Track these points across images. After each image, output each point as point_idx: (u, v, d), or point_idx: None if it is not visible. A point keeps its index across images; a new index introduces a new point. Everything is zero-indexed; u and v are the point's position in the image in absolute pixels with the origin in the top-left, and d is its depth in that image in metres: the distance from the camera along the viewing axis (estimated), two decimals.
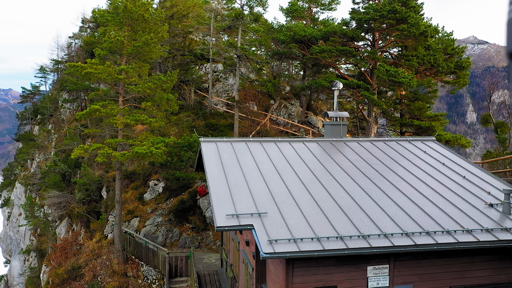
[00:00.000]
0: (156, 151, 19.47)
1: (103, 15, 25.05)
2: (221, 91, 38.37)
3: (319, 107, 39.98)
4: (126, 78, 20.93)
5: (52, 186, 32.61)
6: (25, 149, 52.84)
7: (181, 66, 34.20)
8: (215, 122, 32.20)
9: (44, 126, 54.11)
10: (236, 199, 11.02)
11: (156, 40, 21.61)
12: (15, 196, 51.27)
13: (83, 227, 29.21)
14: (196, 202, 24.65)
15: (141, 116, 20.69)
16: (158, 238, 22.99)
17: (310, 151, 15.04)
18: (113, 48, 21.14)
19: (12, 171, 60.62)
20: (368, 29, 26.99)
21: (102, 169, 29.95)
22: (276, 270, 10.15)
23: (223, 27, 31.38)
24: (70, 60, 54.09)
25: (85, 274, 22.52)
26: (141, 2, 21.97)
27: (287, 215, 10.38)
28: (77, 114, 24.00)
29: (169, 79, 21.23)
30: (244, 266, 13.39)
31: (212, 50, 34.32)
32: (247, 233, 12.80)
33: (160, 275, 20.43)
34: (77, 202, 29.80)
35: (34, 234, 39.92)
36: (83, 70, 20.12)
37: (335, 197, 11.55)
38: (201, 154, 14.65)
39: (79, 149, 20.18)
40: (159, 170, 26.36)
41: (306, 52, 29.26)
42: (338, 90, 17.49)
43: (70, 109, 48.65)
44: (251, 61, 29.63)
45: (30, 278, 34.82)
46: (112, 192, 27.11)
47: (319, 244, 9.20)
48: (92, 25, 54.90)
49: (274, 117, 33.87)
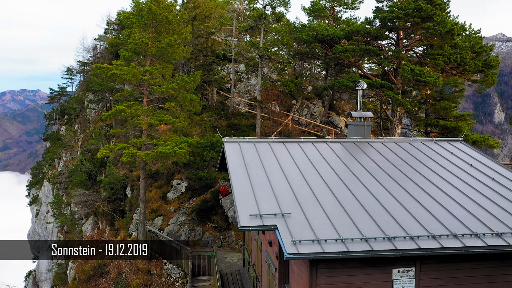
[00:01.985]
0: (180, 151, 19.69)
1: (128, 17, 25.51)
2: (243, 91, 38.50)
3: (342, 107, 39.63)
4: (150, 79, 21.25)
5: (79, 185, 33.45)
6: (53, 149, 54.37)
7: (204, 67, 34.49)
8: (237, 122, 32.32)
9: (71, 126, 55.51)
10: (259, 200, 11.04)
11: (179, 41, 21.86)
12: (43, 194, 52.79)
13: (108, 225, 29.83)
14: (218, 201, 24.82)
15: (164, 116, 20.96)
16: (181, 237, 23.26)
17: (333, 151, 14.93)
18: (137, 49, 21.50)
19: (40, 170, 62.42)
20: (392, 28, 26.57)
21: (127, 169, 30.52)
22: (299, 271, 10.12)
23: (245, 28, 31.49)
24: (96, 61, 55.32)
25: (110, 271, 23.01)
26: (165, 4, 22.27)
27: (310, 216, 10.34)
28: (102, 115, 24.52)
29: (192, 80, 21.44)
30: (266, 266, 13.41)
31: (234, 50, 34.47)
32: (270, 233, 12.82)
33: (183, 273, 20.67)
34: (103, 201, 30.45)
35: (61, 231, 41.01)
36: (109, 71, 20.52)
37: (359, 198, 11.43)
38: (224, 154, 14.76)
39: (104, 148, 20.60)
40: (182, 170, 26.66)
41: (329, 52, 29.04)
42: (362, 90, 17.30)
43: (95, 109, 49.76)
44: (273, 61, 29.62)
45: (58, 274, 35.77)
46: (137, 191, 27.58)
47: (343, 245, 9.13)
48: (116, 27, 56.03)
49: (296, 117, 33.76)
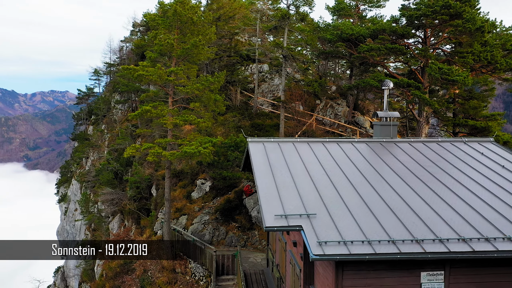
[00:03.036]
0: (204, 150, 19.86)
1: (153, 19, 25.89)
2: (266, 91, 38.49)
3: (367, 107, 39.09)
4: (175, 80, 21.53)
5: (106, 184, 34.19)
6: (81, 148, 55.75)
7: (228, 67, 34.67)
8: (261, 123, 32.34)
9: (98, 126, 56.81)
10: (284, 200, 11.01)
11: (204, 42, 22.06)
12: (72, 192, 54.23)
13: (134, 223, 30.38)
14: (242, 201, 24.90)
15: (189, 117, 21.19)
16: (205, 236, 23.45)
17: (359, 151, 14.75)
18: (163, 50, 21.81)
19: (69, 169, 64.08)
20: (419, 26, 26.01)
21: (152, 168, 31.00)
22: (325, 272, 10.04)
23: (269, 28, 31.46)
24: (122, 63, 56.45)
25: (136, 269, 23.43)
26: (190, 5, 22.52)
27: (336, 216, 10.24)
28: (129, 115, 24.98)
29: (216, 80, 21.59)
30: (291, 267, 13.35)
31: (258, 50, 34.51)
32: (295, 234, 12.76)
33: (207, 272, 20.83)
34: (129, 199, 31.03)
35: (88, 228, 42.01)
36: (135, 72, 20.89)
37: (385, 199, 11.24)
38: (248, 154, 14.78)
39: (131, 148, 20.99)
40: (207, 170, 26.88)
41: (354, 51, 28.69)
42: (388, 89, 17.01)
43: (122, 110, 50.76)
44: (297, 61, 29.50)
45: (85, 271, 36.67)
46: (162, 190, 27.99)
47: (370, 247, 9.00)
48: (142, 29, 57.07)
49: (320, 117, 33.51)
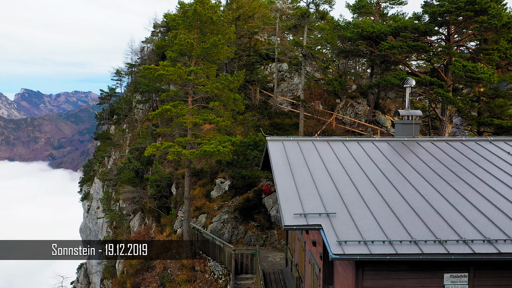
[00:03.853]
0: (223, 149, 19.93)
1: (174, 19, 26.18)
2: (286, 90, 38.37)
3: (388, 106, 38.50)
4: (195, 79, 21.67)
5: (127, 182, 34.71)
6: (103, 147, 56.77)
7: (247, 67, 34.71)
8: (280, 122, 32.26)
9: (119, 125, 57.75)
10: (303, 199, 10.93)
11: (223, 41, 22.13)
12: (94, 191, 55.29)
13: (154, 221, 30.74)
14: (261, 200, 24.88)
15: (209, 116, 21.30)
16: (224, 235, 23.53)
17: (380, 151, 14.52)
18: (183, 50, 21.99)
19: (92, 167, 65.34)
20: (443, 23, 25.44)
21: (172, 167, 31.31)
22: (345, 272, 9.91)
23: (289, 27, 31.35)
24: (143, 63, 57.21)
25: (156, 266, 23.70)
26: (210, 5, 22.63)
27: (356, 216, 10.10)
28: (149, 114, 25.29)
29: (235, 79, 21.64)
30: (310, 267, 13.25)
31: (277, 49, 34.42)
32: (314, 233, 12.66)
33: (226, 271, 20.89)
34: (149, 198, 31.41)
35: (110, 226, 42.75)
36: (155, 72, 21.13)
37: (407, 199, 11.02)
38: (268, 153, 14.74)
39: (151, 147, 21.24)
40: (226, 169, 26.97)
41: (374, 49, 28.29)
42: (410, 87, 16.69)
43: (143, 109, 51.46)
44: (317, 59, 29.29)
45: (107, 267, 37.33)
46: (181, 189, 28.23)
47: (391, 247, 8.83)
48: (163, 30, 57.70)
49: (340, 116, 33.18)
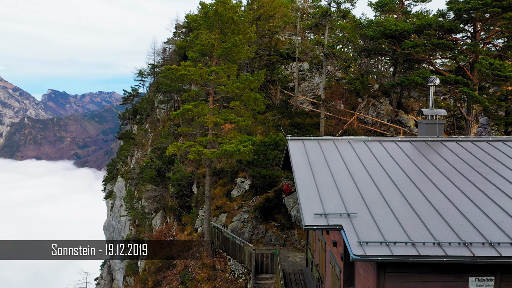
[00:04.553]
0: (244, 149, 19.97)
1: (195, 20, 26.39)
2: (306, 90, 38.16)
3: (411, 105, 37.82)
4: (216, 79, 21.79)
5: (149, 181, 35.21)
6: (126, 147, 57.74)
7: (268, 66, 34.69)
8: (301, 121, 32.12)
9: (142, 125, 58.66)
10: (324, 199, 10.84)
11: (244, 41, 22.17)
12: (117, 189, 56.32)
13: (175, 220, 31.09)
14: (281, 200, 24.82)
15: (229, 115, 21.38)
16: (244, 234, 23.59)
17: (402, 151, 14.26)
18: (204, 50, 22.15)
19: (115, 166, 66.57)
20: (468, 20, 24.81)
21: (193, 166, 31.59)
22: (366, 274, 9.78)
23: (310, 26, 31.16)
24: (165, 63, 57.92)
25: (177, 264, 23.95)
26: (231, 5, 22.70)
27: (378, 216, 9.95)
28: (171, 114, 25.57)
29: (256, 79, 21.64)
30: (331, 267, 13.14)
31: (298, 49, 34.28)
32: (335, 233, 12.54)
33: (246, 270, 20.93)
34: (171, 196, 31.79)
35: (133, 224, 43.47)
36: (177, 72, 21.36)
37: (431, 199, 10.79)
38: (288, 152, 14.69)
39: (173, 146, 21.48)
40: (246, 168, 27.02)
41: (397, 48, 27.83)
42: (434, 86, 16.33)
43: (164, 109, 52.12)
44: (338, 58, 29.01)
45: (129, 265, 37.97)
46: (202, 188, 28.44)
47: (414, 249, 8.66)
48: (184, 30, 58.30)
49: (362, 115, 32.77)
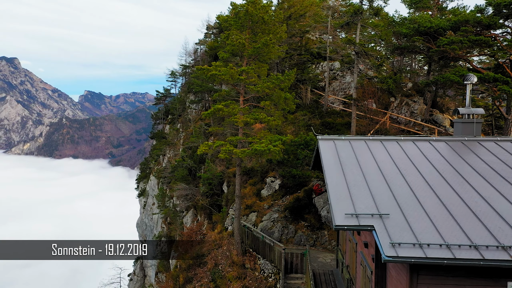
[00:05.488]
0: (274, 148, 19.97)
1: (226, 20, 26.62)
2: (337, 89, 37.73)
3: (446, 104, 36.67)
4: (246, 79, 21.90)
5: (180, 180, 35.82)
6: (158, 146, 59.00)
7: (298, 66, 34.55)
8: (332, 121, 31.80)
9: (174, 125, 59.72)
10: (355, 199, 10.71)
11: (274, 40, 22.17)
12: (150, 188, 57.60)
13: (206, 218, 31.49)
14: (311, 200, 24.66)
15: (260, 115, 21.43)
16: (274, 234, 23.60)
17: (437, 151, 13.88)
18: (235, 50, 22.30)
19: (148, 165, 68.13)
20: (509, 15, 23.82)
21: (224, 165, 31.89)
22: (398, 276, 9.59)
23: (341, 24, 30.79)
24: (196, 64, 58.76)
25: (207, 262, 24.26)
26: (261, 5, 22.76)
27: (411, 218, 9.73)
28: (202, 114, 25.91)
29: (286, 79, 21.60)
30: (362, 269, 12.95)
31: (329, 48, 33.94)
32: (366, 234, 12.36)
33: (276, 269, 20.94)
34: (201, 195, 32.21)
35: (164, 222, 44.35)
36: (208, 72, 21.61)
37: (467, 201, 10.45)
38: (318, 152, 14.60)
39: (203, 146, 21.75)
40: (276, 168, 27.02)
41: (432, 45, 27.06)
42: (471, 84, 15.79)
43: (195, 109, 52.85)
44: (370, 57, 28.51)
45: (161, 261, 38.76)
46: (232, 187, 28.67)
47: (449, 251, 8.42)
48: (215, 31, 58.93)
49: (395, 115, 32.08)
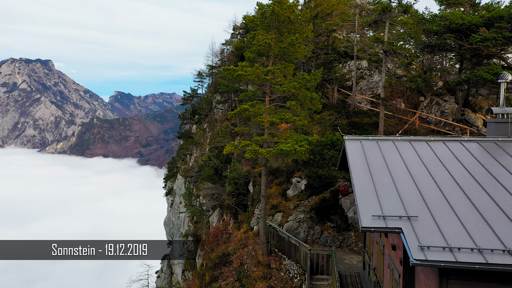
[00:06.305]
0: (300, 148, 19.86)
1: (252, 20, 26.65)
2: (365, 88, 37.17)
3: (479, 103, 35.47)
4: (272, 79, 21.88)
5: (207, 179, 36.16)
6: (185, 146, 59.78)
7: (325, 65, 34.23)
8: (359, 121, 31.34)
9: (200, 125, 60.37)
10: (382, 200, 10.51)
11: (301, 40, 22.05)
12: (177, 186, 58.44)
13: (232, 218, 31.66)
14: (337, 201, 24.40)
15: (285, 115, 21.37)
16: (299, 234, 23.48)
17: (469, 152, 13.44)
18: (261, 50, 22.32)
19: (175, 165, 69.16)
20: None
21: (249, 165, 31.97)
22: (427, 280, 9.35)
23: (369, 22, 30.30)
24: (223, 64, 59.18)
25: (233, 261, 24.39)
26: (287, 4, 22.68)
27: (441, 220, 9.47)
28: (228, 114, 26.07)
29: (313, 78, 21.44)
30: (389, 271, 12.71)
31: (356, 47, 33.48)
32: (393, 236, 12.12)
33: (301, 270, 20.83)
34: (227, 195, 32.41)
35: (191, 220, 44.88)
36: (234, 72, 21.72)
37: (501, 204, 10.07)
38: (345, 152, 14.42)
39: (230, 145, 21.88)
40: (302, 168, 26.88)
41: (464, 42, 26.25)
42: (506, 82, 15.21)
43: (222, 109, 53.25)
44: (399, 56, 27.92)
45: (188, 260, 39.26)
46: (258, 187, 28.71)
47: (481, 256, 8.14)
48: (242, 31, 59.16)
49: (424, 115, 31.30)
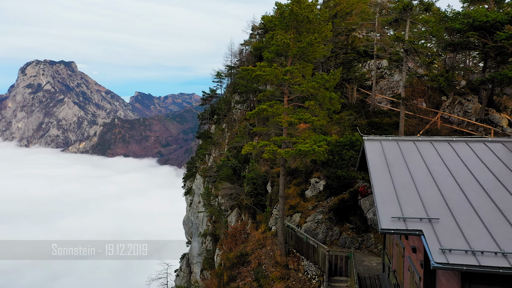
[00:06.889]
0: (318, 149, 19.73)
1: (271, 20, 26.61)
2: (385, 88, 36.66)
3: (504, 103, 34.52)
4: (291, 79, 21.80)
5: (225, 179, 36.32)
6: (204, 146, 60.16)
7: (344, 65, 33.91)
8: (378, 121, 30.93)
9: (219, 125, 60.66)
10: (402, 202, 10.34)
11: (319, 39, 21.89)
12: (196, 186, 58.88)
13: (250, 218, 31.69)
14: (357, 202, 24.13)
15: (304, 115, 21.25)
16: (318, 235, 23.32)
17: (493, 152, 13.10)
18: (279, 50, 22.27)
19: (194, 164, 69.68)
20: None
21: (268, 165, 31.94)
22: (448, 284, 9.15)
23: (389, 21, 29.86)
24: (241, 65, 59.29)
25: (251, 261, 24.41)
26: (306, 4, 22.55)
27: (463, 223, 9.25)
28: (246, 114, 26.12)
29: (332, 78, 21.27)
30: (409, 274, 12.49)
31: (376, 46, 33.06)
32: (414, 239, 11.90)
33: (319, 271, 20.68)
34: (246, 195, 32.47)
35: (210, 220, 45.15)
36: (253, 72, 21.72)
37: None
38: (364, 153, 14.26)
39: (248, 146, 21.90)
40: (320, 168, 26.70)
41: (488, 40, 25.60)
42: None
43: (240, 109, 53.38)
44: (420, 54, 27.43)
45: (206, 259, 39.51)
46: (276, 187, 28.66)
47: (505, 260, 7.91)
48: (260, 32, 59.19)
49: (446, 114, 30.65)
